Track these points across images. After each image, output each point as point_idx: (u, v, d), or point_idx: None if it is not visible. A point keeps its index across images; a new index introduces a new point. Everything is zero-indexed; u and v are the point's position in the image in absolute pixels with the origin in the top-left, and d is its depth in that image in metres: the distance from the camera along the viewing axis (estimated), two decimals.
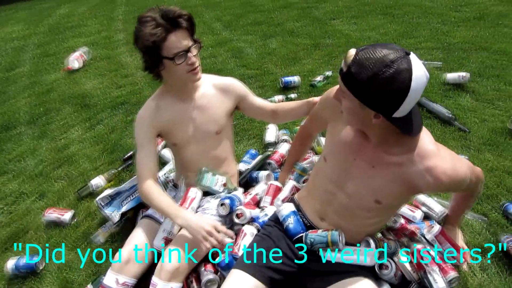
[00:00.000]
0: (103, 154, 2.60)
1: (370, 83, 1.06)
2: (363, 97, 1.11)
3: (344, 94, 1.17)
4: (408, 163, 1.24)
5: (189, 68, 1.57)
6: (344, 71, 1.11)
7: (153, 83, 3.27)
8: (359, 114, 1.18)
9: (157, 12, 1.50)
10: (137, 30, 1.51)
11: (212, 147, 1.82)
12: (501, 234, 1.75)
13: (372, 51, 1.07)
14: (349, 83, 1.11)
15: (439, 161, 1.22)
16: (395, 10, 4.25)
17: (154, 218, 1.80)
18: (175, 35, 1.50)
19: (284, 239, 1.57)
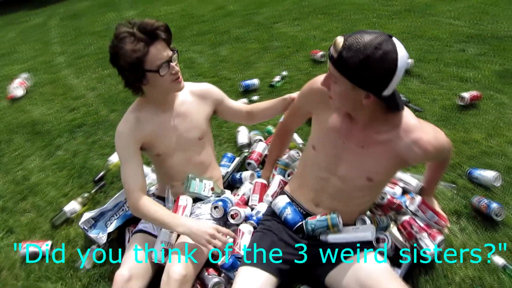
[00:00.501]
0: (70, 180, 2.48)
1: (363, 66, 1.15)
2: (356, 79, 1.19)
3: (335, 79, 1.24)
4: (396, 139, 1.34)
5: (173, 77, 1.57)
6: (335, 57, 1.18)
7: (109, 102, 3.26)
8: (351, 96, 1.25)
9: (132, 27, 1.48)
10: (116, 48, 1.47)
11: (196, 153, 1.82)
12: (473, 197, 1.92)
13: (359, 36, 1.16)
14: (342, 68, 1.18)
15: (423, 134, 1.33)
16: (332, 10, 4.50)
17: (147, 231, 1.75)
18: (155, 47, 1.49)
19: (284, 230, 1.61)
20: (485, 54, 3.21)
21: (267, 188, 1.93)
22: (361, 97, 1.25)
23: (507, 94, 2.69)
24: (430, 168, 1.79)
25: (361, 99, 1.25)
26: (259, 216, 1.79)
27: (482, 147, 2.26)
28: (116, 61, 1.50)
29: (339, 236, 1.55)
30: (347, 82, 1.21)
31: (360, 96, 1.24)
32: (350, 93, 1.24)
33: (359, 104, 1.28)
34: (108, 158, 2.54)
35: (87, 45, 4.46)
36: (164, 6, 5.50)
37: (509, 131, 2.36)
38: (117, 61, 1.49)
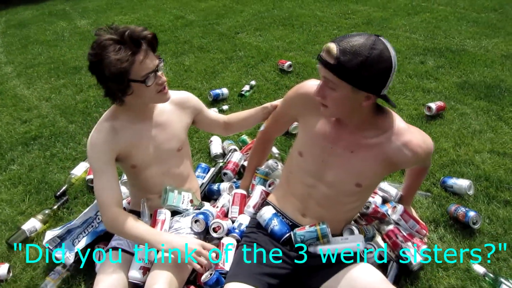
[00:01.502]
0: (27, 196, 2.25)
1: (362, 67, 1.14)
2: (357, 82, 1.17)
3: (334, 86, 1.21)
4: (386, 142, 1.35)
5: (159, 88, 1.46)
6: (333, 63, 1.15)
7: (67, 113, 3.04)
8: (350, 101, 1.24)
9: (115, 34, 1.35)
10: (98, 56, 1.33)
11: (174, 165, 1.71)
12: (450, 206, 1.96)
13: (351, 40, 1.16)
14: (341, 73, 1.16)
15: (413, 137, 1.35)
16: (293, 21, 4.55)
17: (122, 248, 1.61)
18: (142, 56, 1.37)
19: (271, 242, 1.54)
20: (443, 67, 3.37)
21: (247, 199, 1.86)
22: (361, 100, 1.24)
23: (467, 104, 2.83)
24: (411, 175, 1.81)
25: (361, 102, 1.24)
26: (242, 228, 1.71)
27: (452, 156, 2.33)
28: (97, 70, 1.36)
29: (329, 246, 1.51)
30: (347, 87, 1.18)
31: (360, 99, 1.23)
32: (350, 97, 1.22)
33: (357, 107, 1.27)
34: (71, 172, 2.35)
35: (37, 55, 4.16)
36: (118, 15, 5.29)
37: (473, 140, 2.47)
38: (99, 70, 1.35)
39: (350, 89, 1.19)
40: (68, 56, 4.14)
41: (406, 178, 1.85)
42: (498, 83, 3.08)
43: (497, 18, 4.37)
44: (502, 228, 1.86)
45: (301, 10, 4.89)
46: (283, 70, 3.40)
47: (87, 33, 4.82)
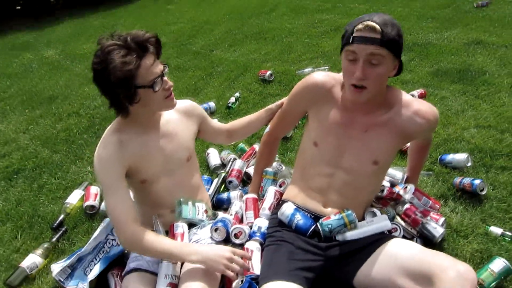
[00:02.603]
0: (19, 233, 2.11)
1: (399, 36, 1.27)
2: (398, 49, 1.29)
3: (380, 60, 1.27)
4: (396, 116, 1.41)
5: (166, 93, 1.42)
6: (380, 37, 1.23)
7: (49, 143, 2.92)
8: (388, 73, 1.33)
9: (118, 39, 1.32)
10: (104, 63, 1.29)
11: (185, 176, 1.65)
12: (454, 179, 2.03)
13: (378, 16, 1.27)
14: (389, 44, 1.25)
15: (421, 105, 1.42)
16: (264, 35, 4.64)
17: (143, 269, 1.52)
18: (147, 60, 1.34)
19: (298, 237, 1.52)
20: (414, 59, 3.53)
21: (259, 202, 1.83)
22: (391, 70, 1.33)
23: (445, 88, 2.96)
24: (415, 154, 1.84)
25: (391, 73, 1.34)
26: (263, 231, 1.67)
27: (443, 136, 2.42)
28: (103, 78, 1.31)
29: (358, 231, 1.50)
30: (391, 57, 1.29)
31: (392, 69, 1.33)
32: (390, 69, 1.32)
33: (386, 81, 1.36)
34: (65, 201, 2.23)
35: (6, 88, 4.01)
36: (86, 43, 5.21)
37: (458, 119, 2.58)
38: (104, 78, 1.30)
39: (392, 59, 1.30)
40: (40, 86, 4.01)
41: (410, 158, 1.89)
42: (468, 67, 3.25)
43: (452, 13, 4.65)
44: (506, 191, 1.96)
45: (270, 24, 5.00)
46: (265, 80, 3.44)
47: (57, 62, 4.70)
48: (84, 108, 3.38)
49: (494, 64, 3.27)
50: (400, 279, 1.27)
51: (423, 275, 1.21)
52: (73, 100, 3.61)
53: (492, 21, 4.25)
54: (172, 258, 1.42)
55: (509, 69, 3.16)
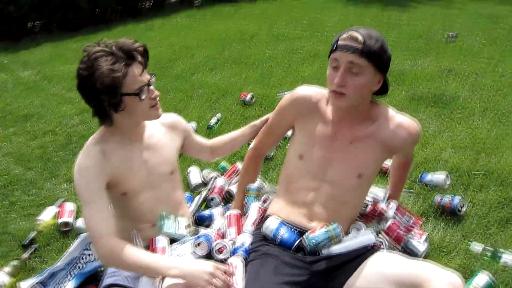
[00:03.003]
0: None
1: (382, 50, 1.30)
2: (380, 63, 1.32)
3: (360, 70, 1.30)
4: (380, 128, 1.45)
5: (152, 103, 1.41)
6: (361, 47, 1.27)
7: (22, 160, 2.82)
8: (368, 85, 1.35)
9: (107, 46, 1.32)
10: (91, 69, 1.28)
11: (168, 190, 1.62)
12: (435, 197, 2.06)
13: (364, 29, 1.32)
14: (369, 55, 1.28)
15: (403, 118, 1.47)
16: (245, 60, 4.71)
17: (121, 284, 1.45)
18: (135, 69, 1.33)
19: (283, 252, 1.49)
20: (390, 85, 3.61)
21: (242, 218, 1.79)
22: (374, 84, 1.36)
23: (421, 112, 3.06)
24: (397, 172, 1.87)
25: (373, 87, 1.36)
26: (246, 247, 1.63)
27: (422, 156, 2.48)
28: (89, 84, 1.29)
29: (343, 245, 1.48)
30: (370, 70, 1.31)
31: (374, 83, 1.36)
32: (370, 81, 1.33)
33: (368, 94, 1.38)
34: (37, 218, 2.13)
35: None
36: (64, 65, 5.14)
37: (436, 140, 2.67)
38: (90, 84, 1.29)
39: (372, 72, 1.31)
40: (14, 105, 3.90)
41: (392, 177, 1.91)
42: (442, 92, 3.39)
43: (424, 43, 4.88)
44: (485, 208, 2.01)
45: (250, 50, 5.09)
46: (246, 102, 3.46)
47: (33, 83, 4.61)
48: (61, 127, 3.30)
49: (466, 90, 3.43)
50: None
51: (412, 285, 1.19)
52: (49, 119, 3.53)
53: (462, 50, 4.48)
54: (151, 272, 1.36)
55: (481, 95, 3.32)
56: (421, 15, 6.39)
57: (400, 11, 6.77)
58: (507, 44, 4.65)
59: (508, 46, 4.60)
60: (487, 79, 3.64)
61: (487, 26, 5.50)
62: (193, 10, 8.30)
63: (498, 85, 3.48)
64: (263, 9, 7.73)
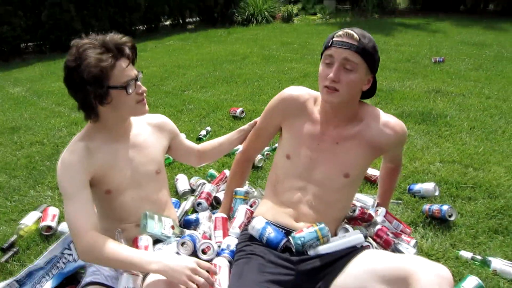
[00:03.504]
0: None
1: (374, 50, 1.35)
2: (372, 62, 1.35)
3: (354, 67, 1.32)
4: (367, 127, 1.46)
5: (138, 98, 1.40)
6: (357, 44, 1.30)
7: (7, 168, 2.81)
8: (360, 83, 1.37)
9: (96, 39, 1.32)
10: (79, 60, 1.28)
11: (153, 190, 1.59)
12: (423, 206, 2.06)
13: (360, 29, 1.35)
14: (364, 52, 1.31)
15: (389, 117, 1.48)
16: (235, 79, 4.77)
17: (100, 282, 1.41)
18: (123, 62, 1.34)
19: (269, 252, 1.46)
20: (379, 103, 3.70)
21: (228, 222, 1.76)
22: (364, 83, 1.38)
23: (410, 128, 3.09)
24: (385, 178, 1.87)
25: (363, 86, 1.39)
26: (232, 249, 1.59)
27: (410, 169, 2.49)
28: (75, 75, 1.28)
29: (330, 245, 1.46)
30: (363, 67, 1.33)
31: (364, 82, 1.38)
32: (361, 79, 1.36)
33: (358, 93, 1.41)
34: (20, 222, 2.06)
35: None
36: (55, 82, 5.14)
37: (424, 154, 2.68)
38: (77, 75, 1.28)
39: (364, 70, 1.34)
40: (2, 118, 3.87)
41: (381, 184, 1.91)
42: (430, 111, 3.44)
43: (412, 66, 5.00)
44: (474, 219, 2.00)
45: (241, 70, 5.16)
46: (236, 117, 3.47)
47: (22, 98, 4.59)
48: (48, 138, 3.26)
49: (454, 109, 3.49)
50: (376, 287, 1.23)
51: (400, 279, 1.17)
52: (37, 131, 3.49)
53: (449, 74, 4.59)
54: (132, 267, 1.31)
55: (468, 114, 3.38)
56: (408, 41, 6.59)
57: (388, 36, 6.98)
58: (493, 69, 4.79)
59: (493, 70, 4.74)
60: (474, 100, 3.72)
61: (472, 52, 5.67)
62: (186, 34, 8.46)
63: (485, 106, 3.56)
64: (254, 33, 7.90)
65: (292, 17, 9.32)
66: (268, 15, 9.02)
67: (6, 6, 6.67)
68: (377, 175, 2.29)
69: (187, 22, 9.38)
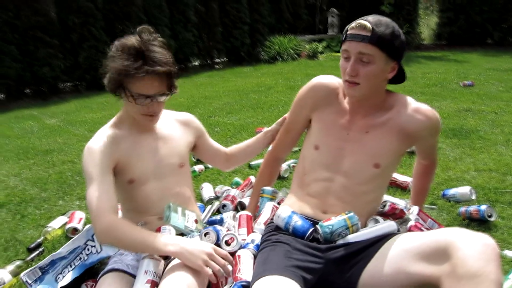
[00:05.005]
0: None
1: (393, 36, 1.29)
2: (391, 50, 1.29)
3: (370, 59, 1.29)
4: (396, 115, 1.41)
5: (145, 112, 1.43)
6: (370, 35, 1.26)
7: (39, 183, 2.83)
8: (381, 73, 1.33)
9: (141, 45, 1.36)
10: (117, 49, 1.37)
11: (175, 183, 1.58)
12: (459, 208, 1.95)
13: (373, 17, 1.31)
14: (379, 42, 1.27)
15: (420, 104, 1.43)
16: (261, 105, 4.84)
17: (120, 269, 1.38)
18: (150, 79, 1.35)
19: (295, 240, 1.40)
20: None
21: (252, 220, 1.71)
22: (388, 71, 1.34)
23: (440, 142, 2.99)
24: (419, 176, 1.78)
25: (387, 74, 1.35)
26: (257, 243, 1.54)
27: (443, 177, 2.39)
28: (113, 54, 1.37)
29: (361, 233, 1.38)
30: (383, 57, 1.29)
31: (387, 70, 1.34)
32: (382, 69, 1.32)
33: (382, 82, 1.37)
34: (48, 224, 2.08)
35: (3, 145, 4.00)
36: (89, 113, 5.37)
37: (457, 164, 2.57)
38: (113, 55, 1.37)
39: (384, 59, 1.30)
40: (37, 143, 4.02)
41: (414, 184, 1.82)
42: (461, 127, 3.34)
43: (440, 90, 4.94)
44: None
45: (266, 98, 5.24)
46: None
47: (57, 127, 4.78)
48: (79, 158, 3.34)
49: (486, 125, 3.37)
50: (413, 266, 1.13)
51: (439, 251, 1.07)
52: (68, 152, 3.60)
53: (479, 95, 4.49)
54: (149, 249, 1.30)
55: (502, 129, 3.26)
56: (434, 69, 6.55)
57: (413, 67, 6.96)
58: None
59: None
60: (507, 117, 3.60)
61: (503, 77, 5.55)
62: (213, 72, 8.74)
63: None
64: (280, 68, 8.07)
65: (317, 55, 9.50)
66: (293, 53, 9.23)
67: (48, 49, 7.13)
68: (408, 181, 2.21)
69: (215, 62, 9.71)
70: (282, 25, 10.20)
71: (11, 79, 6.72)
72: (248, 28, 9.43)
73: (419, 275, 1.12)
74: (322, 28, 11.29)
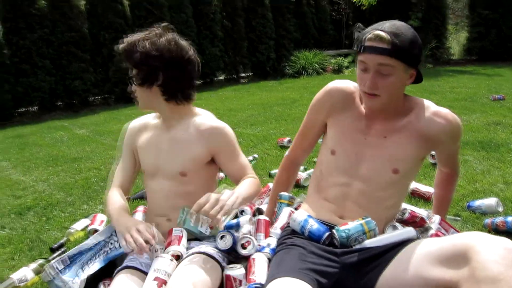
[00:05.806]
0: (17, 254, 2.01)
1: (412, 45, 1.26)
2: (410, 59, 1.27)
3: (390, 71, 1.26)
4: (415, 119, 1.37)
5: None
6: (390, 47, 1.23)
7: (66, 188, 2.93)
8: (400, 82, 1.31)
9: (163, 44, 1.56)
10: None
11: (176, 189, 1.57)
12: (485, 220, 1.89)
13: (389, 25, 1.27)
14: (399, 54, 1.24)
15: (440, 108, 1.39)
16: (285, 118, 4.86)
17: (134, 266, 1.43)
18: None
19: (311, 244, 1.38)
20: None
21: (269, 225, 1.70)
22: (406, 79, 1.32)
23: (467, 155, 2.91)
24: (440, 185, 1.73)
25: (406, 82, 1.32)
26: (272, 247, 1.53)
27: (469, 189, 2.31)
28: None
29: (379, 238, 1.36)
30: (401, 67, 1.27)
31: (406, 78, 1.31)
32: (401, 78, 1.29)
33: (401, 89, 1.35)
34: (71, 226, 2.14)
35: (34, 153, 4.19)
36: (116, 125, 5.53)
37: (485, 177, 2.49)
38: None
39: (403, 69, 1.27)
40: (66, 151, 4.18)
41: (436, 193, 1.77)
42: (490, 140, 3.23)
43: (469, 104, 4.80)
44: None
45: (290, 111, 5.26)
46: (283, 146, 3.49)
47: (86, 137, 4.96)
48: (105, 165, 3.45)
49: None
50: (432, 271, 1.10)
51: (458, 255, 1.04)
52: (95, 160, 3.71)
53: (510, 109, 4.33)
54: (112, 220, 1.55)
55: None
56: (463, 84, 6.39)
57: (442, 81, 6.81)
58: None
59: None
60: None
61: None
62: (239, 86, 8.86)
63: None
64: (305, 83, 8.09)
65: (342, 69, 9.47)
66: (318, 68, 9.24)
67: (80, 63, 7.44)
68: (431, 192, 2.14)
69: (241, 76, 9.84)
70: (308, 40, 10.24)
71: (44, 92, 7.04)
72: (274, 43, 9.52)
73: (438, 280, 1.08)
74: (348, 43, 11.26)
